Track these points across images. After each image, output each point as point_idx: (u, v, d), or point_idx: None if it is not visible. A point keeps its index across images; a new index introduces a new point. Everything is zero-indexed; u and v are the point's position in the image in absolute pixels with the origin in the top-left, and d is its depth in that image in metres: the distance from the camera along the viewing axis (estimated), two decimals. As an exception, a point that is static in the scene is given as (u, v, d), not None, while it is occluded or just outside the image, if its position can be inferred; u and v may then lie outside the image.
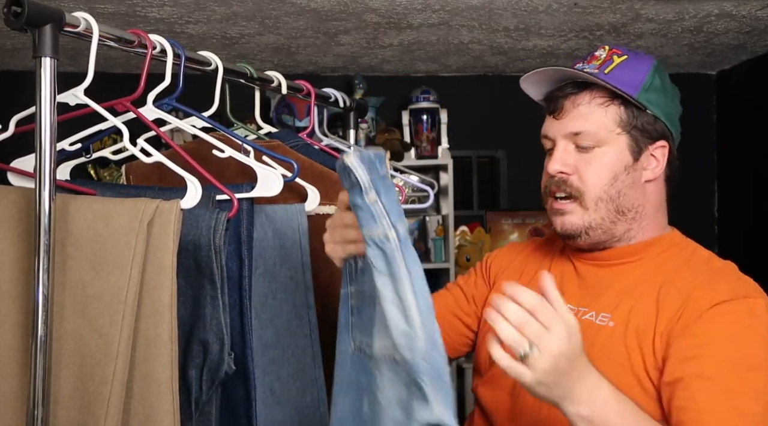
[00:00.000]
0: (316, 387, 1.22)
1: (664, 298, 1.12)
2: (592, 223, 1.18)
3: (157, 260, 0.99)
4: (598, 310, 1.17)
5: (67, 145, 1.21)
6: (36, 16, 0.87)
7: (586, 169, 1.18)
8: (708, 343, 1.06)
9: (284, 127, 3.21)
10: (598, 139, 1.18)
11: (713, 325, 1.07)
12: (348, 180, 0.88)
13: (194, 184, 1.04)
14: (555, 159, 1.19)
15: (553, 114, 1.21)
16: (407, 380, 0.86)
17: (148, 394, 0.98)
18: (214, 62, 1.26)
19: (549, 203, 1.22)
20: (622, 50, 1.23)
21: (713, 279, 1.13)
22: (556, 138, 1.21)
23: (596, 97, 1.19)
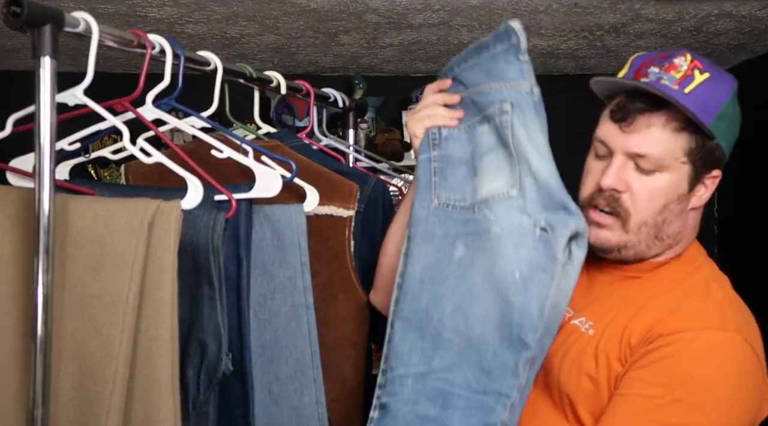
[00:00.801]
0: (315, 387, 1.22)
1: (636, 317, 1.10)
2: (627, 243, 1.14)
3: (158, 260, 0.99)
4: (587, 318, 1.15)
5: (66, 145, 1.21)
6: (36, 16, 0.87)
7: (640, 191, 1.12)
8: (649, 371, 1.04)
9: (284, 127, 3.21)
10: (661, 165, 1.11)
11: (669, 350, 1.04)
12: (504, 42, 1.12)
13: (195, 184, 1.04)
14: (611, 174, 1.12)
15: (621, 124, 1.12)
16: (544, 201, 1.07)
17: (149, 394, 0.98)
18: (213, 62, 1.26)
19: (588, 212, 1.15)
20: (704, 65, 1.15)
21: (697, 304, 1.10)
22: (615, 150, 1.13)
23: (671, 120, 1.11)
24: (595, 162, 1.17)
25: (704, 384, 1.03)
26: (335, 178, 1.36)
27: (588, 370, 1.09)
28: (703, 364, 1.03)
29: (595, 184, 1.15)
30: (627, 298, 1.15)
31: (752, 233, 3.50)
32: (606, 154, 1.15)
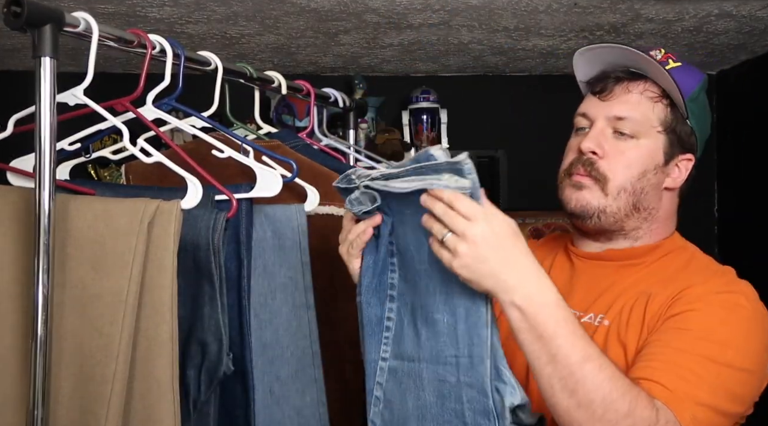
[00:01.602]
0: (316, 387, 1.22)
1: (655, 296, 1.12)
2: (606, 208, 1.17)
3: (158, 260, 0.99)
4: (596, 313, 1.17)
5: (66, 145, 1.21)
6: (36, 16, 0.87)
7: (618, 156, 1.17)
8: (686, 316, 1.07)
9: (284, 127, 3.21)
10: (639, 130, 1.17)
11: (697, 304, 1.08)
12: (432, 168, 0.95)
13: (195, 184, 1.04)
14: (591, 137, 1.17)
15: (600, 94, 1.19)
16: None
17: (149, 394, 0.98)
18: (213, 62, 1.26)
19: (566, 181, 1.19)
20: (675, 56, 1.22)
21: (711, 278, 1.14)
22: (596, 118, 1.19)
23: (648, 89, 1.18)
24: (574, 138, 1.23)
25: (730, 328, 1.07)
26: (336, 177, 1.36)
27: (616, 356, 1.09)
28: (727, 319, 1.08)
29: (575, 153, 1.19)
30: (632, 284, 1.17)
31: (752, 233, 3.50)
32: (586, 126, 1.20)
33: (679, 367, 1.01)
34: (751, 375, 1.06)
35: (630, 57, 1.19)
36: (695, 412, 0.99)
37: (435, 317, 1.00)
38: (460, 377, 0.98)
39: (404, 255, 1.04)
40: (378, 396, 1.05)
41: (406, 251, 1.04)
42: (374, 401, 1.05)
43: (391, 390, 1.05)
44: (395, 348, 1.05)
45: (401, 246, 1.04)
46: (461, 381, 0.97)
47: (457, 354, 0.98)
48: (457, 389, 0.98)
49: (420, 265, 1.01)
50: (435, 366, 1.00)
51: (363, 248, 1.07)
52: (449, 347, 0.99)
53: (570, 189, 1.19)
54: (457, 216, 0.92)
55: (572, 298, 1.19)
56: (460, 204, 0.92)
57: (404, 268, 1.05)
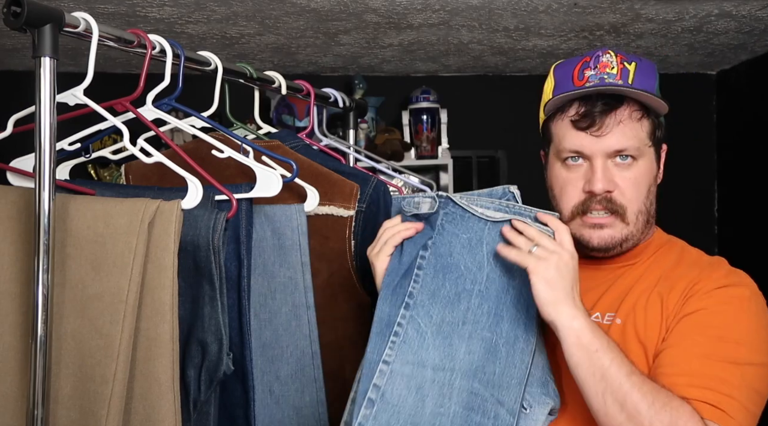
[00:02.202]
0: (315, 387, 1.22)
1: (668, 293, 1.15)
2: (629, 236, 1.20)
3: (158, 260, 0.99)
4: (603, 311, 1.19)
5: (66, 145, 1.21)
6: (36, 16, 0.87)
7: (627, 185, 1.19)
8: (700, 316, 1.11)
9: (284, 127, 3.21)
10: (637, 154, 1.19)
11: (708, 302, 1.11)
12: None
13: (195, 184, 1.04)
14: (599, 178, 1.17)
15: (590, 130, 1.17)
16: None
17: (149, 394, 0.98)
18: (213, 62, 1.26)
19: (578, 221, 1.20)
20: (626, 56, 1.21)
21: (711, 271, 1.17)
22: (594, 155, 1.18)
23: (633, 110, 1.19)
24: (568, 172, 1.22)
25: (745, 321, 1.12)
26: (336, 178, 1.36)
27: (636, 356, 1.12)
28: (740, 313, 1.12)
29: (581, 192, 1.20)
30: (634, 281, 1.20)
31: (752, 233, 3.50)
32: (580, 160, 1.20)
33: (709, 379, 1.05)
34: (765, 368, 1.10)
35: (606, 91, 1.18)
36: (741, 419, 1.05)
37: (484, 335, 1.08)
38: (494, 393, 1.05)
39: (443, 272, 1.12)
40: (372, 398, 1.05)
41: (448, 270, 1.12)
42: (366, 403, 1.04)
43: (397, 394, 1.05)
44: (408, 354, 1.07)
45: (441, 264, 1.12)
46: (494, 397, 1.05)
47: (497, 372, 1.06)
48: (487, 404, 1.05)
49: (472, 285, 1.11)
50: (471, 380, 1.06)
51: (395, 247, 1.15)
52: (491, 364, 1.07)
53: (587, 230, 1.20)
54: (548, 238, 1.07)
55: None
56: (547, 239, 1.07)
57: (434, 283, 1.11)
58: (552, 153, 1.25)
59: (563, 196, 1.22)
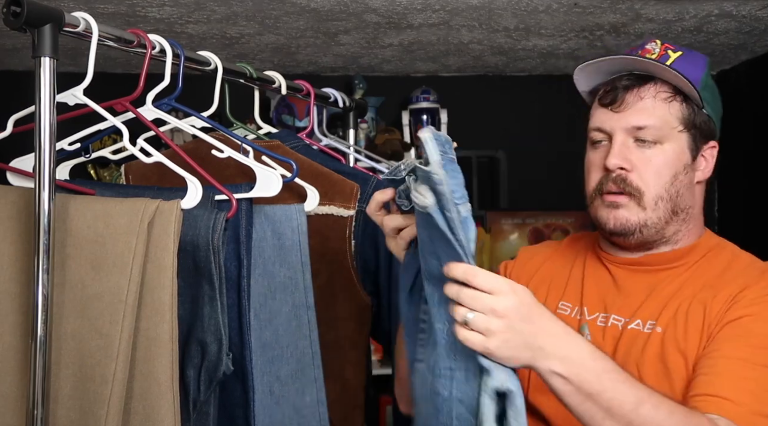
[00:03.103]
0: (315, 387, 1.22)
1: (711, 300, 1.09)
2: (648, 221, 1.14)
3: (158, 260, 0.99)
4: (644, 319, 1.13)
5: (66, 145, 1.21)
6: (35, 16, 0.87)
7: (646, 166, 1.13)
8: (744, 323, 1.04)
9: (284, 127, 3.21)
10: (661, 135, 1.13)
11: (753, 310, 1.05)
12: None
13: (195, 184, 1.04)
14: (615, 153, 1.12)
15: (611, 106, 1.14)
16: None
17: (149, 394, 0.98)
18: (213, 62, 1.26)
19: (597, 201, 1.16)
20: (674, 46, 1.18)
21: (761, 278, 1.11)
22: (614, 131, 1.14)
23: (660, 91, 1.14)
24: (594, 153, 1.18)
25: None
26: (336, 178, 1.36)
27: (676, 365, 1.07)
28: None
29: (600, 170, 1.15)
30: (677, 288, 1.14)
31: (752, 233, 3.50)
32: (603, 139, 1.16)
33: (743, 380, 1.00)
34: None
35: (631, 63, 1.15)
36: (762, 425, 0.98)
37: (436, 326, 0.96)
38: (452, 391, 0.94)
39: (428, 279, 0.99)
40: (413, 397, 1.02)
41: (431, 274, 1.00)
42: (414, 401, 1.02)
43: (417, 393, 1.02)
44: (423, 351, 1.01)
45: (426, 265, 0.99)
46: (453, 396, 0.94)
47: (453, 366, 0.94)
48: (449, 403, 0.94)
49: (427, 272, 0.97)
50: (433, 377, 0.96)
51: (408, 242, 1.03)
52: (445, 359, 0.95)
53: (604, 209, 1.15)
54: (480, 293, 0.86)
55: (614, 305, 1.17)
56: (480, 279, 0.86)
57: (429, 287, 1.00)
58: (587, 140, 1.22)
59: (588, 178, 1.18)
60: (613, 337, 1.14)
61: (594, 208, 1.17)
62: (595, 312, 1.18)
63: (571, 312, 1.21)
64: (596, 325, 1.17)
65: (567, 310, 1.21)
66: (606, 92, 1.16)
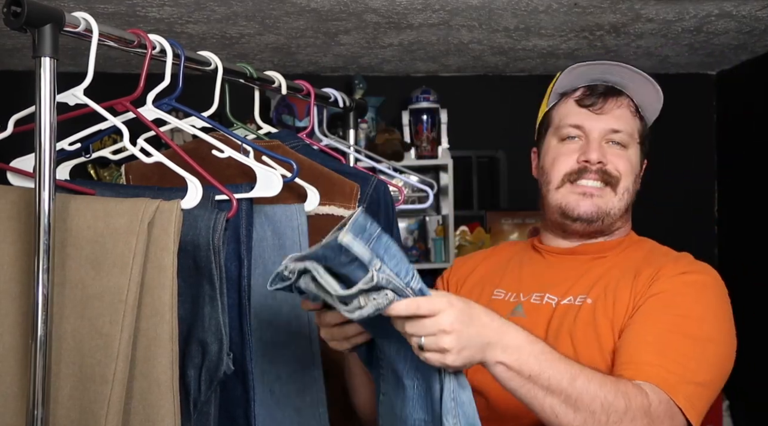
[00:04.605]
0: (316, 387, 1.22)
1: (636, 277, 1.21)
2: (612, 210, 1.27)
3: (158, 260, 0.99)
4: (575, 294, 1.25)
5: (66, 145, 1.21)
6: (36, 16, 0.87)
7: (620, 160, 1.27)
8: (664, 297, 1.16)
9: (284, 127, 3.21)
10: (628, 141, 1.29)
11: (673, 285, 1.18)
12: (347, 257, 0.85)
13: (195, 184, 1.04)
14: (595, 149, 1.26)
15: (592, 108, 1.28)
16: None
17: (149, 394, 0.98)
18: (213, 62, 1.26)
19: (569, 186, 1.27)
20: None
21: (677, 260, 1.25)
22: (591, 130, 1.27)
23: (630, 104, 1.30)
24: (562, 144, 1.31)
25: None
26: (336, 178, 1.36)
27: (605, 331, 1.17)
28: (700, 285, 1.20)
29: (574, 162, 1.27)
30: (606, 270, 1.26)
31: (752, 233, 3.50)
32: (578, 135, 1.29)
33: (669, 349, 1.10)
34: (726, 346, 1.16)
35: (618, 73, 1.28)
36: (687, 391, 1.07)
37: (405, 383, 0.99)
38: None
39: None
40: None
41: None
42: None
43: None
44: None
45: None
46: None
47: (426, 419, 0.98)
48: None
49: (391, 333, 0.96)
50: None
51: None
52: (419, 411, 0.99)
53: (575, 196, 1.27)
54: (424, 320, 0.90)
55: (550, 286, 1.28)
56: (423, 308, 0.89)
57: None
58: (550, 135, 1.34)
59: (555, 165, 1.30)
60: (547, 312, 1.25)
61: (560, 194, 1.29)
62: (531, 292, 1.29)
63: (505, 296, 1.32)
64: (530, 303, 1.28)
65: (501, 295, 1.33)
66: (586, 95, 1.29)
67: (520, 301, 1.29)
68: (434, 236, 3.67)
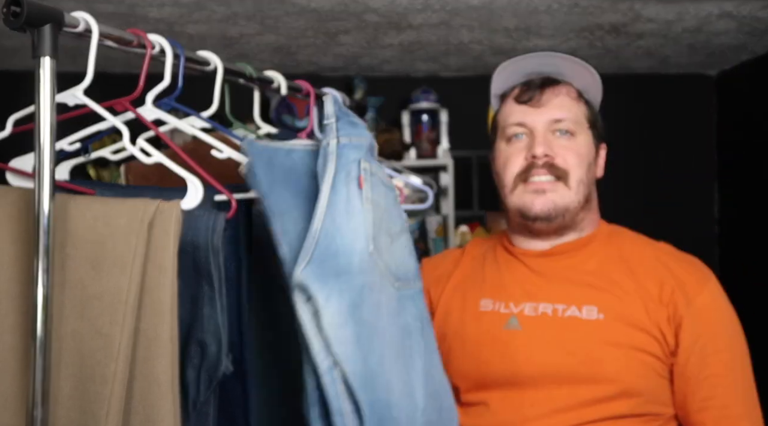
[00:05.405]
0: (316, 387, 1.21)
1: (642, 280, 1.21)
2: (570, 204, 1.24)
3: (158, 260, 0.98)
4: (579, 304, 1.21)
5: (66, 145, 1.21)
6: (35, 16, 0.87)
7: (567, 152, 1.24)
8: (716, 339, 1.18)
9: (284, 127, 3.21)
10: (575, 128, 1.26)
11: (715, 318, 1.19)
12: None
13: (195, 184, 1.04)
14: (540, 143, 1.23)
15: (530, 102, 1.26)
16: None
17: (149, 394, 0.98)
18: (213, 62, 1.26)
19: (520, 188, 1.25)
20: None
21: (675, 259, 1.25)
22: (535, 125, 1.25)
23: (570, 91, 1.28)
24: (511, 146, 1.28)
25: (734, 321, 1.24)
26: (335, 178, 1.35)
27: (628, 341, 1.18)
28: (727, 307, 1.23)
29: (523, 160, 1.25)
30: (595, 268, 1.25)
31: (752, 233, 3.50)
32: (522, 133, 1.27)
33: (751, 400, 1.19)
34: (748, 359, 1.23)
35: (552, 63, 1.28)
36: None
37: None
38: None
39: None
40: None
41: None
42: None
43: None
44: None
45: None
46: None
47: None
48: None
49: None
50: None
51: None
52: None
53: (530, 195, 1.24)
54: None
55: (539, 293, 1.24)
56: None
57: None
58: (498, 138, 1.32)
59: (506, 167, 1.28)
60: (545, 325, 1.21)
61: (515, 196, 1.27)
62: (522, 302, 1.25)
63: (494, 307, 1.28)
64: (525, 315, 1.24)
65: (489, 306, 1.28)
66: (523, 91, 1.28)
67: (512, 313, 1.25)
68: (434, 236, 3.67)
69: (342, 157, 0.99)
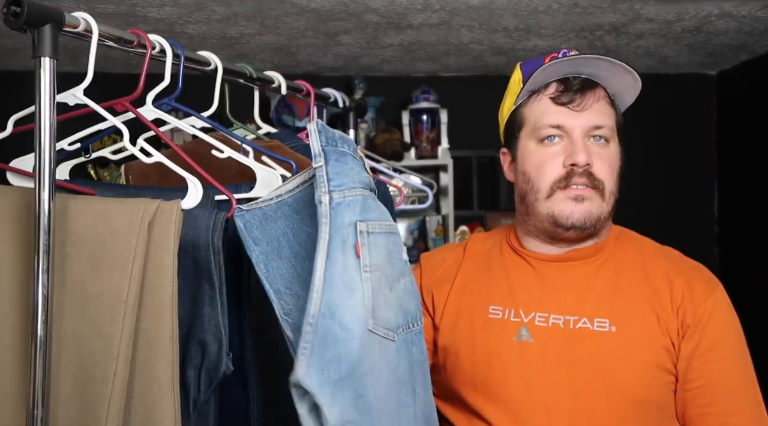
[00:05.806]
0: (316, 387, 1.21)
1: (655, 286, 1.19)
2: (602, 215, 1.20)
3: (158, 260, 0.99)
4: (591, 316, 1.17)
5: (66, 145, 1.21)
6: (35, 16, 0.87)
7: (603, 162, 1.19)
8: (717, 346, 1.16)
9: (284, 127, 3.21)
10: (610, 135, 1.21)
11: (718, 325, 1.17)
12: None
13: (195, 184, 1.04)
14: (581, 151, 1.17)
15: (570, 105, 1.19)
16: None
17: (149, 394, 0.98)
18: (213, 62, 1.26)
19: (561, 193, 1.19)
20: None
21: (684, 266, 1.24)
22: (573, 129, 1.19)
23: (605, 95, 1.22)
24: (545, 148, 1.21)
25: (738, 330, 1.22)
26: (336, 178, 1.35)
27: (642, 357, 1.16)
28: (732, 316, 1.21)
29: (561, 166, 1.19)
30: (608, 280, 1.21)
31: (752, 233, 3.50)
32: (558, 135, 1.20)
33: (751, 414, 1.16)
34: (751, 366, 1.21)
35: (592, 63, 1.20)
36: None
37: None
38: None
39: None
40: None
41: None
42: None
43: None
44: None
45: None
46: None
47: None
48: None
49: None
50: None
51: None
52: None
53: (569, 202, 1.18)
54: None
55: (549, 303, 1.20)
56: None
57: None
58: (525, 136, 1.25)
59: (542, 173, 1.21)
60: (556, 337, 1.18)
61: (552, 202, 1.20)
62: (531, 312, 1.21)
63: (503, 315, 1.23)
64: (536, 325, 1.19)
65: (499, 313, 1.23)
66: (562, 92, 1.20)
67: (523, 323, 1.21)
68: (434, 236, 3.67)
69: (336, 219, 0.93)
